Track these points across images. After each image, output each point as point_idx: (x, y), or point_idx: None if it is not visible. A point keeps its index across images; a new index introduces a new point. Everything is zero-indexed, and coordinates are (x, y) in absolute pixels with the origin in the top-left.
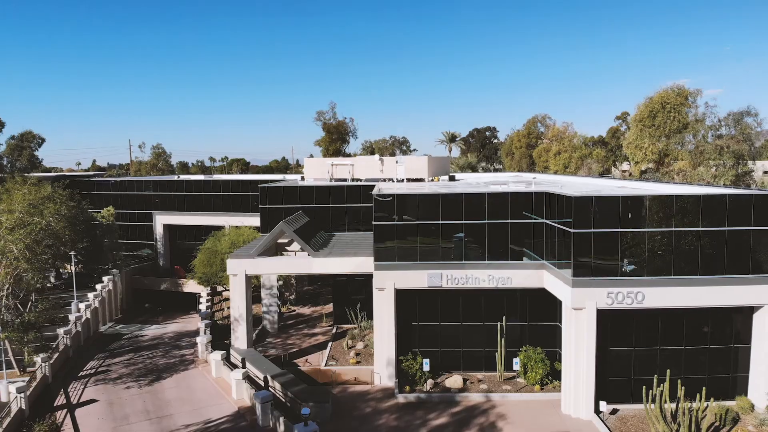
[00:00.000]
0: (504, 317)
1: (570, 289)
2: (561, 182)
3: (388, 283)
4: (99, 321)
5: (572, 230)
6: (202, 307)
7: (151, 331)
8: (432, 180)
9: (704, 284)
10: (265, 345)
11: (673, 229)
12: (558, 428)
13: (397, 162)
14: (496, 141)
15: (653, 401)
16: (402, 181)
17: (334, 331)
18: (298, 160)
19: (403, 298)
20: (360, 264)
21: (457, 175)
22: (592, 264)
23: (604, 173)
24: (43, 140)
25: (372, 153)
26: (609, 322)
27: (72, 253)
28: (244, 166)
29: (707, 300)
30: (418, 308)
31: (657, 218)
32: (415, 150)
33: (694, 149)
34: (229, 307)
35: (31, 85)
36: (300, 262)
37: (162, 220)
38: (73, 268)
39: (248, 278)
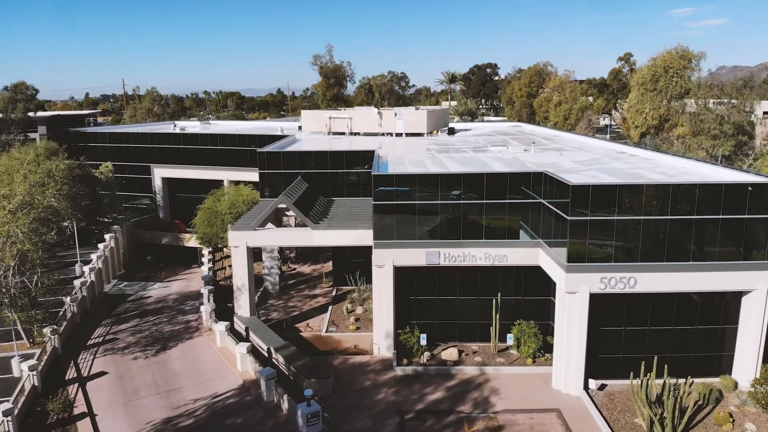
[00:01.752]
0: (499, 293)
1: (564, 274)
2: (560, 140)
3: (387, 261)
4: (103, 280)
5: (569, 218)
6: (204, 268)
7: (155, 291)
8: (431, 134)
9: (696, 270)
10: (267, 308)
11: (669, 217)
12: (549, 404)
13: (396, 115)
14: (497, 78)
15: (640, 384)
16: (401, 135)
17: (333, 293)
18: (293, 92)
19: (402, 273)
20: (359, 237)
21: (457, 126)
22: (587, 250)
23: (605, 114)
24: (37, 91)
25: (370, 90)
26: (601, 303)
27: (73, 216)
28: (239, 100)
29: (698, 285)
30: (417, 283)
31: (653, 206)
32: (413, 86)
33: (694, 117)
34: (230, 266)
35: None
36: (300, 234)
37: (160, 173)
38: (75, 231)
39: (250, 249)
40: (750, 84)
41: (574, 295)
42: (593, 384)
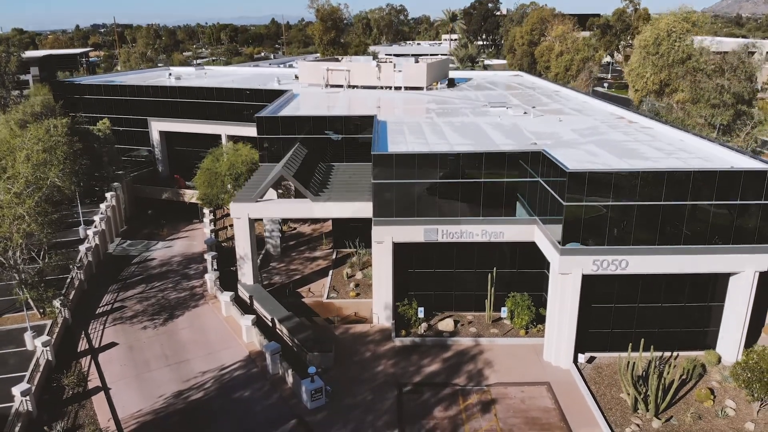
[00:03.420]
0: (495, 268)
1: (558, 256)
2: (561, 98)
3: (387, 238)
4: (106, 240)
5: (565, 203)
6: (207, 230)
7: (158, 251)
8: (431, 87)
9: (687, 253)
10: (270, 271)
11: (662, 202)
12: (539, 377)
13: (395, 67)
14: (498, 14)
15: (626, 365)
16: (400, 88)
17: (334, 256)
18: (288, 22)
19: (401, 247)
20: (359, 209)
21: (457, 75)
22: (581, 234)
23: (608, 53)
24: (29, 38)
25: (368, 25)
26: (593, 280)
27: (77, 189)
28: (233, 33)
29: (688, 267)
30: (415, 256)
31: (647, 192)
32: (412, 19)
33: (695, 85)
34: (232, 225)
35: None
36: (301, 206)
37: (158, 126)
38: (76, 193)
39: (251, 220)
40: (753, 49)
41: (566, 275)
42: (582, 358)
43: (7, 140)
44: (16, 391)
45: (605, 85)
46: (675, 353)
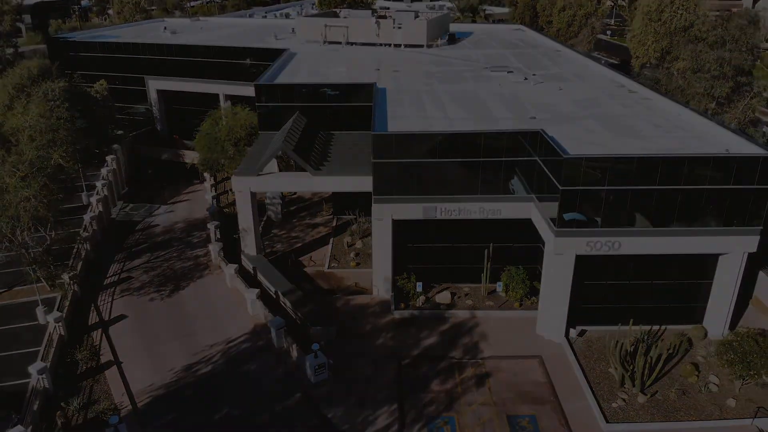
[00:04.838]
0: (491, 244)
1: (553, 237)
2: (562, 60)
3: (386, 215)
4: (109, 205)
5: (561, 187)
6: (208, 197)
7: (161, 216)
8: (431, 45)
9: (679, 234)
10: (272, 238)
11: (656, 187)
12: (532, 351)
13: (394, 22)
14: None
15: (614, 344)
16: (399, 46)
17: (334, 223)
18: None
19: (400, 222)
20: (359, 183)
21: (458, 28)
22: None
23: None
24: None
25: None
26: (586, 259)
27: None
28: None
29: (680, 249)
30: (414, 232)
31: (642, 176)
32: None
33: (695, 56)
34: (232, 190)
35: None
36: (301, 180)
37: (155, 85)
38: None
39: (253, 194)
40: (754, 19)
41: (561, 255)
42: (573, 331)
43: (9, 113)
44: (32, 369)
45: (608, 32)
46: (663, 327)
